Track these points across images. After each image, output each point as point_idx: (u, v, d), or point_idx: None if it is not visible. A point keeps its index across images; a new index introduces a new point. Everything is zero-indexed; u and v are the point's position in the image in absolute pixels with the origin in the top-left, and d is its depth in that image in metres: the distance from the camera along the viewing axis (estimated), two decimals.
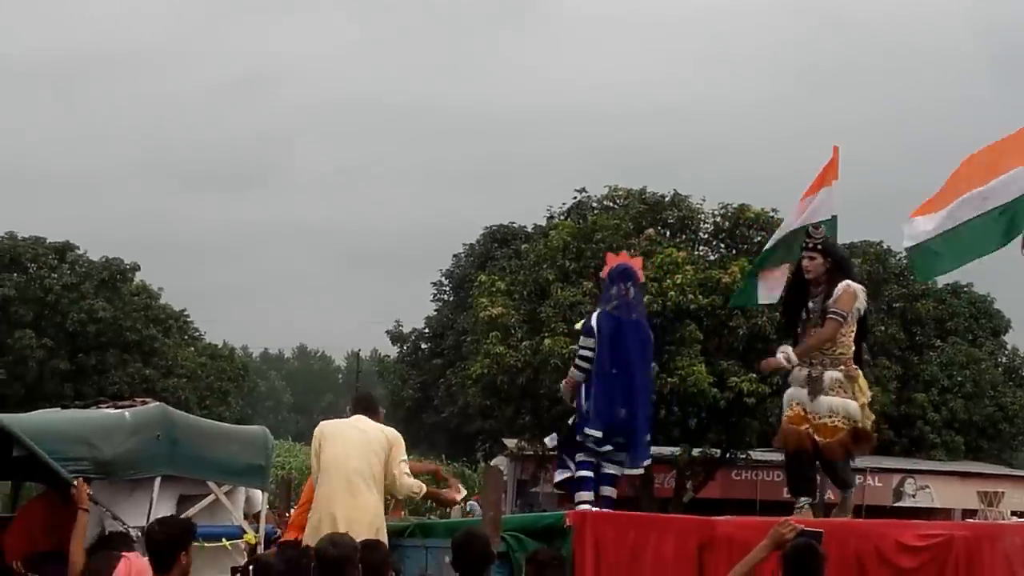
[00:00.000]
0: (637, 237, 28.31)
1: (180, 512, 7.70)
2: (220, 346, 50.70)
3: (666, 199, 30.72)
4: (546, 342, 25.47)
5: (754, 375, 25.43)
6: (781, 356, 8.56)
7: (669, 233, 30.33)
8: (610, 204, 32.02)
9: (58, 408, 9.89)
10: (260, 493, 8.75)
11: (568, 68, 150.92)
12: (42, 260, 41.78)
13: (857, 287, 8.72)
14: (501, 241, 44.93)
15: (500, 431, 33.20)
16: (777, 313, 15.94)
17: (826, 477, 8.90)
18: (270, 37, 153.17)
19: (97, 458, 7.37)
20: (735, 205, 29.57)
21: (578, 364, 8.83)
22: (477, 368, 28.08)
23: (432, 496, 8.61)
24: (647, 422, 8.91)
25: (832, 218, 10.04)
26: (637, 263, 9.21)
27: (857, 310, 8.67)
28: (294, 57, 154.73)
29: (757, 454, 29.86)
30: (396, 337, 50.39)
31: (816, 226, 9.20)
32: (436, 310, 49.04)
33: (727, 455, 30.00)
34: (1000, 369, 40.44)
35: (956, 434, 37.89)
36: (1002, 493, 34.14)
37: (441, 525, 8.80)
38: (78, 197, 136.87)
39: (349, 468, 7.70)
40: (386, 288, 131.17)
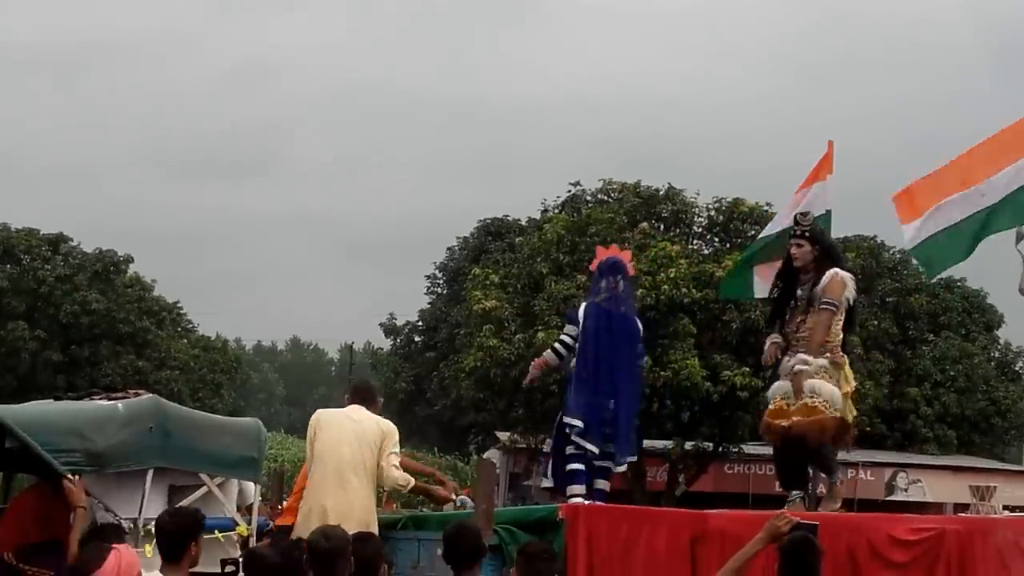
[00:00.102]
0: (631, 231, 28.33)
1: (171, 503, 7.69)
2: (213, 338, 50.73)
3: (660, 193, 30.77)
4: (540, 335, 25.42)
5: (747, 369, 25.50)
6: (799, 364, 8.47)
7: (663, 227, 30.38)
8: (604, 197, 32.07)
9: (51, 400, 9.84)
10: (253, 485, 8.73)
11: (568, 60, 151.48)
12: (35, 252, 41.69)
13: (845, 275, 8.71)
14: (495, 234, 44.86)
15: (493, 424, 33.22)
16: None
17: (817, 470, 8.90)
18: (271, 26, 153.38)
19: (90, 450, 7.33)
20: (729, 199, 29.68)
21: (555, 348, 8.89)
22: (470, 361, 28.09)
23: (423, 491, 8.59)
24: (631, 418, 8.86)
25: (826, 212, 10.03)
26: (627, 256, 9.21)
27: (847, 299, 8.66)
28: (294, 46, 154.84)
29: (750, 448, 29.88)
30: (389, 330, 50.32)
31: (804, 213, 9.19)
32: (430, 303, 48.98)
33: (720, 449, 30.06)
34: (993, 364, 40.44)
35: (949, 428, 37.89)
36: (994, 487, 34.14)
37: (433, 518, 8.79)
38: (77, 186, 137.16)
39: (341, 459, 7.69)
40: (385, 278, 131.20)
